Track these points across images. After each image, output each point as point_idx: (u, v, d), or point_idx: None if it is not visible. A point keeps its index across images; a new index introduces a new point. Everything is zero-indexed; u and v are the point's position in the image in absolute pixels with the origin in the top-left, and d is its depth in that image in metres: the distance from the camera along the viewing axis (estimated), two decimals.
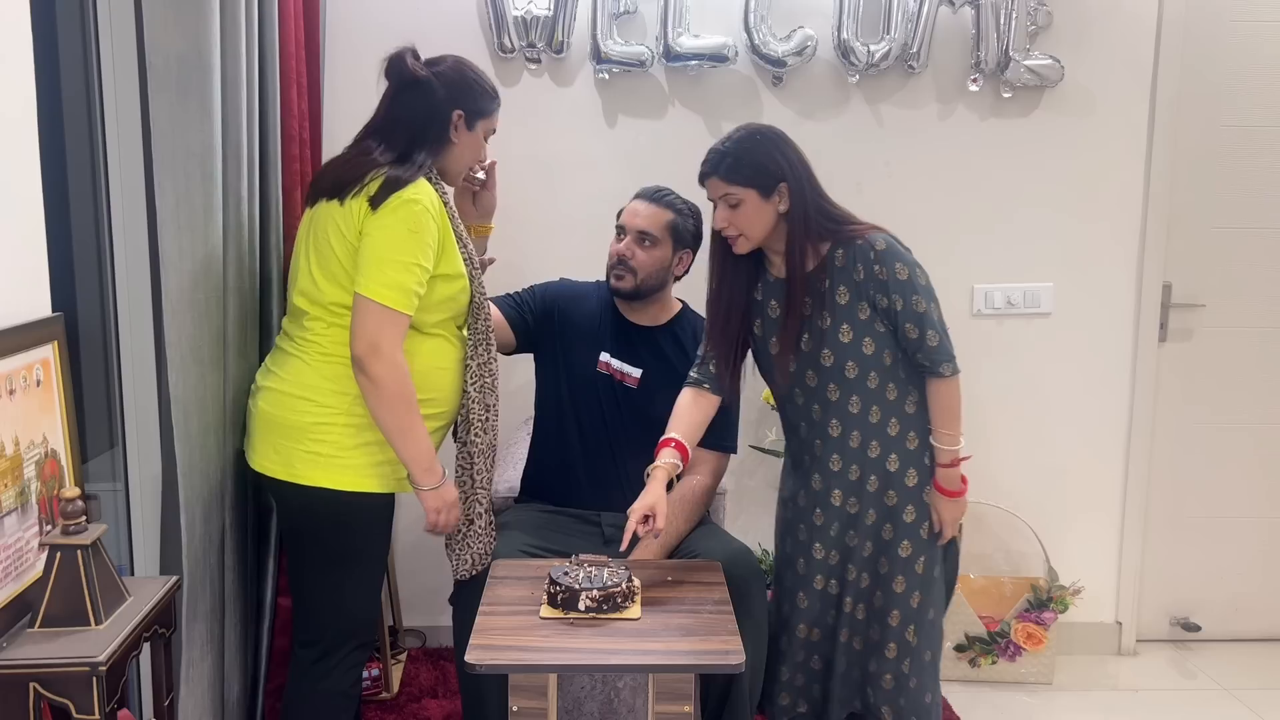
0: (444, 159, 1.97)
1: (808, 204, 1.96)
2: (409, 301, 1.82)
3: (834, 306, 1.96)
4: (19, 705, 1.39)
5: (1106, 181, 2.89)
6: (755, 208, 1.96)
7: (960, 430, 1.99)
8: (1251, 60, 2.88)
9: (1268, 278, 2.98)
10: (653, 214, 2.27)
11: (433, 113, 1.93)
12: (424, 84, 1.93)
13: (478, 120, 1.99)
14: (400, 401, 1.83)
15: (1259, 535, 3.09)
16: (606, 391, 2.29)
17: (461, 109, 1.95)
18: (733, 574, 1.99)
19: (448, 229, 1.91)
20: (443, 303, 1.92)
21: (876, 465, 2.01)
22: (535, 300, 2.38)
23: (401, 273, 1.81)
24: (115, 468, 2.08)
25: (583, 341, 2.32)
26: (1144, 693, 2.86)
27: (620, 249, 2.27)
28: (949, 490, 2.01)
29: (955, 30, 2.80)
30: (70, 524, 1.48)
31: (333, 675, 1.97)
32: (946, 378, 1.96)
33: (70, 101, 2.11)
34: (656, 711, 1.68)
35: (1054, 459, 2.98)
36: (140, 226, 1.92)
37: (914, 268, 1.94)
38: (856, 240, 1.94)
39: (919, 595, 2.04)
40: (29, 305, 1.60)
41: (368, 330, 1.80)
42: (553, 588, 1.81)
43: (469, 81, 1.97)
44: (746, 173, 1.94)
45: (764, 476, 2.96)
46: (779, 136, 1.99)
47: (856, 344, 1.97)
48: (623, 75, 2.77)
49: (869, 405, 1.99)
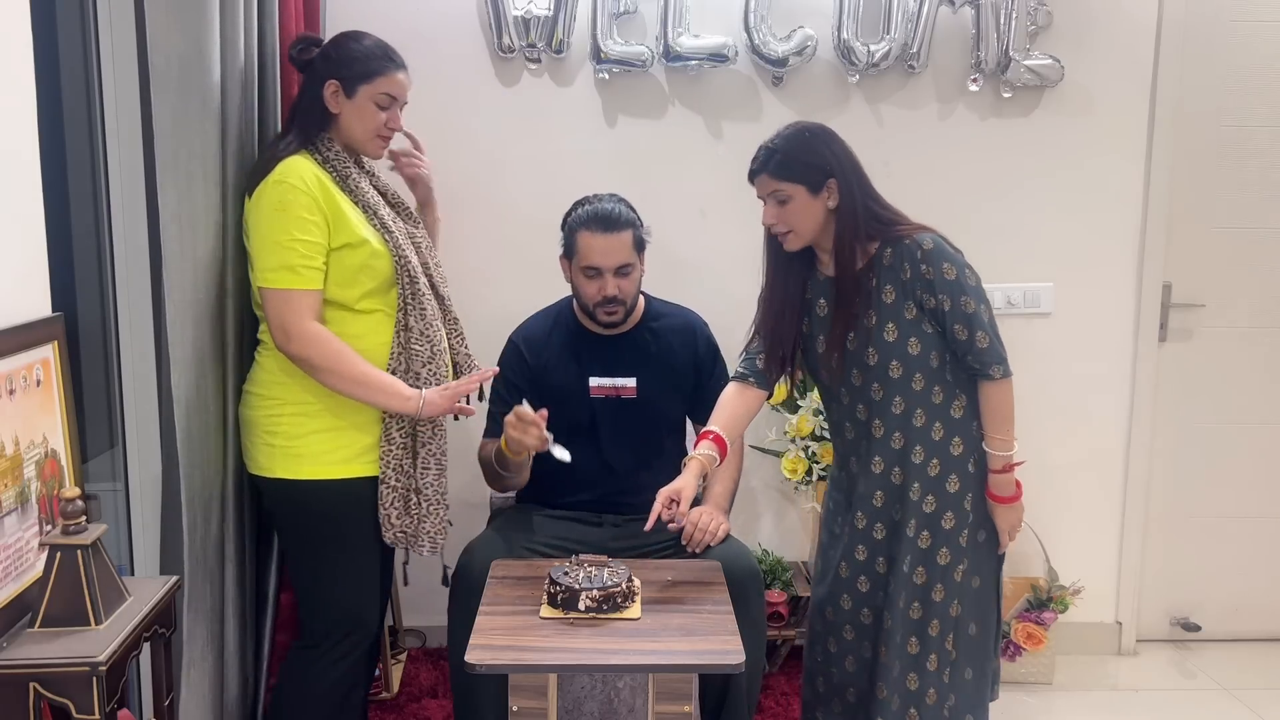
0: (340, 132, 1.98)
1: (856, 200, 1.95)
2: (299, 278, 1.84)
3: (880, 305, 1.95)
4: (19, 705, 1.39)
5: (1106, 181, 2.89)
6: (804, 204, 1.95)
7: (1013, 435, 1.97)
8: (1251, 60, 2.88)
9: (1268, 278, 2.98)
10: (619, 243, 2.18)
11: (310, 88, 1.97)
12: (311, 65, 1.98)
13: (358, 85, 1.96)
14: (336, 364, 1.86)
15: (1259, 535, 3.09)
16: (606, 410, 2.27)
17: (335, 77, 1.95)
18: (731, 575, 1.99)
19: (334, 198, 1.90)
20: (355, 274, 1.91)
21: (920, 470, 1.98)
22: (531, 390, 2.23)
23: (281, 252, 1.84)
24: (115, 468, 2.07)
25: (569, 378, 2.27)
26: (1144, 693, 2.86)
27: (608, 292, 2.18)
28: (1003, 497, 1.98)
29: (955, 30, 2.80)
30: (70, 524, 1.48)
31: (318, 666, 1.98)
32: (997, 380, 1.93)
33: (70, 101, 2.11)
34: (656, 711, 1.68)
35: (1054, 459, 2.98)
36: (140, 226, 1.92)
37: (963, 268, 1.92)
38: (904, 239, 1.93)
39: (957, 605, 2.01)
40: (29, 305, 1.60)
41: (272, 318, 1.87)
42: (553, 588, 1.81)
43: (343, 49, 1.98)
44: (795, 169, 1.94)
45: (764, 476, 2.96)
46: (827, 133, 1.98)
47: (902, 344, 1.95)
48: (623, 75, 2.77)
49: (914, 407, 1.97)
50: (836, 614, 2.09)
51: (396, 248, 1.95)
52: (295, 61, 2.01)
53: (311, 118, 1.97)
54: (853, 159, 1.98)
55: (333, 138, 1.98)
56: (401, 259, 1.95)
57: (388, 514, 1.97)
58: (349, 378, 1.88)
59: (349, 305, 1.93)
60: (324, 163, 1.95)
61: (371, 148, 2.02)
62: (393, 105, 2.00)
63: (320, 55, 1.98)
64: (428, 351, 1.97)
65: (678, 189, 2.84)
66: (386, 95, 1.98)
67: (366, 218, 1.94)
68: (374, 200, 1.97)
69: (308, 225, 1.85)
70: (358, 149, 2.02)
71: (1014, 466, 1.97)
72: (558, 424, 2.21)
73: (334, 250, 1.89)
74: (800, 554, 3.00)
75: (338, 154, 1.97)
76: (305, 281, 1.85)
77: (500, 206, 2.83)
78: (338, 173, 1.95)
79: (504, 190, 2.83)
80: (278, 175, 1.86)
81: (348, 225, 1.90)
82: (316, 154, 1.95)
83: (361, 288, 1.93)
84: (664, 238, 2.74)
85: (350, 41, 1.99)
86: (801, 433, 2.72)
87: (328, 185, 1.90)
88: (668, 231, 2.79)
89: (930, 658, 2.00)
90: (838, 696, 2.12)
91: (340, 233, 1.89)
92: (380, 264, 1.94)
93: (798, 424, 2.72)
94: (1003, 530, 2.02)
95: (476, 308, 2.78)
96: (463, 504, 2.96)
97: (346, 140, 1.99)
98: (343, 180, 1.95)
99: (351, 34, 2.02)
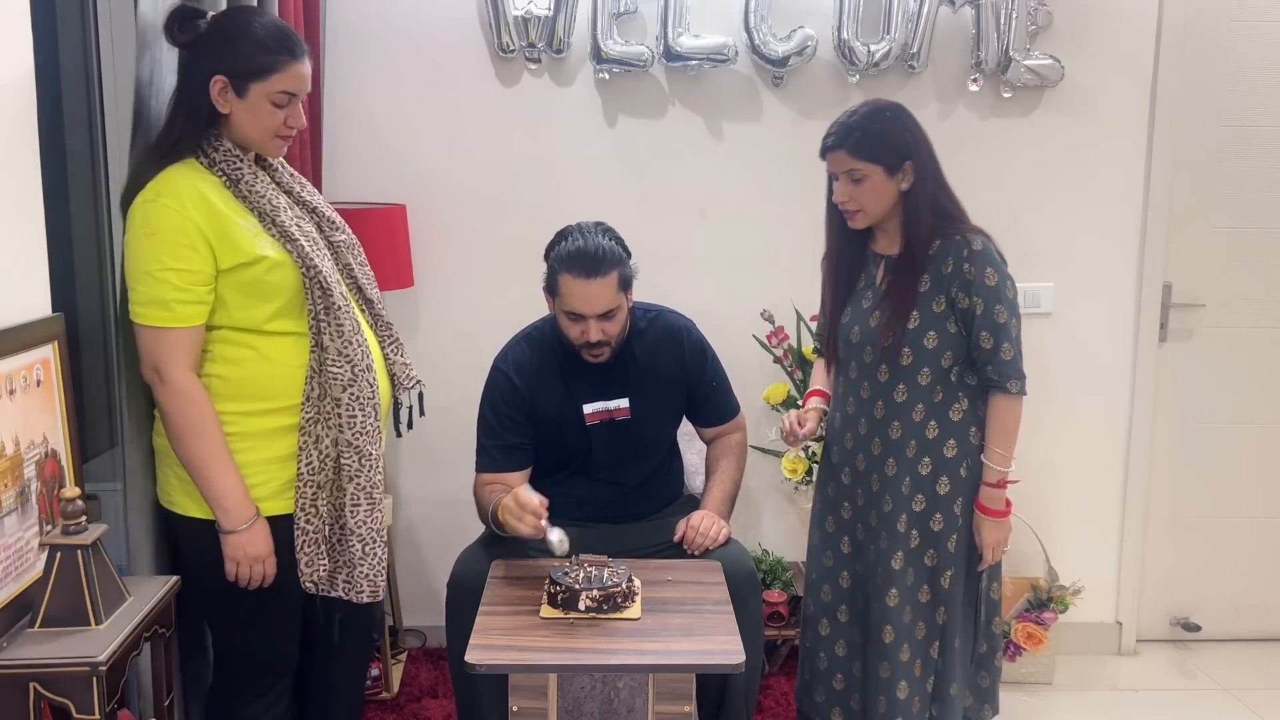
0: (231, 131, 1.69)
1: (928, 185, 1.93)
2: (174, 314, 1.61)
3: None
4: (19, 705, 1.39)
5: (1106, 182, 2.89)
6: (879, 183, 1.93)
7: (1014, 453, 1.97)
8: (1251, 60, 2.87)
9: (1268, 278, 2.98)
10: (604, 287, 2.05)
11: (188, 83, 1.67)
12: (190, 49, 1.67)
13: (250, 83, 1.65)
14: (188, 432, 1.63)
15: (1259, 535, 3.09)
16: (602, 435, 2.22)
17: (223, 73, 1.64)
18: (728, 578, 1.99)
19: (218, 215, 1.63)
20: (254, 293, 1.67)
21: (911, 465, 1.99)
22: (526, 421, 2.19)
23: (152, 285, 1.60)
24: (115, 468, 2.07)
25: (562, 407, 2.20)
26: (1144, 693, 2.86)
27: (590, 337, 2.09)
28: (992, 510, 1.97)
29: (955, 30, 2.80)
30: (70, 524, 1.48)
31: (239, 703, 1.82)
32: (1012, 395, 1.93)
33: (70, 101, 2.11)
34: (656, 711, 1.68)
35: (1054, 459, 2.98)
36: None
37: (1005, 279, 1.92)
38: (955, 235, 1.92)
39: (943, 611, 2.01)
40: (29, 305, 1.60)
41: (144, 356, 1.65)
42: (553, 588, 1.81)
43: (228, 36, 1.65)
44: (874, 148, 1.91)
45: (764, 476, 2.96)
46: (906, 113, 1.96)
47: (919, 334, 1.94)
48: (623, 75, 2.77)
49: (915, 400, 1.97)
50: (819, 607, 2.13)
51: (302, 256, 1.68)
52: (174, 41, 1.68)
53: (196, 115, 1.66)
54: (929, 143, 1.96)
55: (221, 135, 1.68)
56: (309, 268, 1.68)
57: (306, 559, 1.74)
58: (196, 457, 1.64)
59: (258, 328, 1.69)
60: (210, 166, 1.67)
61: (270, 148, 1.73)
62: (292, 102, 1.70)
63: (202, 40, 1.66)
64: (348, 373, 1.71)
65: (678, 189, 2.84)
66: (284, 93, 1.68)
67: (264, 226, 1.68)
68: (272, 205, 1.69)
69: (182, 253, 1.59)
70: (255, 149, 1.73)
71: (1008, 483, 1.96)
72: (554, 453, 2.21)
73: (226, 272, 1.64)
74: (800, 554, 2.99)
75: (226, 154, 1.68)
76: (181, 318, 1.61)
77: (500, 206, 2.83)
78: (227, 177, 1.67)
79: (504, 190, 2.83)
80: (148, 193, 1.61)
81: (237, 243, 1.64)
82: (202, 156, 1.67)
83: (268, 306, 1.68)
84: (664, 238, 2.74)
85: (234, 25, 1.67)
86: None
87: (210, 199, 1.63)
88: (668, 231, 2.80)
89: (916, 660, 2.01)
90: (822, 684, 2.15)
91: (229, 253, 1.63)
92: (280, 277, 1.67)
93: None
94: (985, 545, 1.99)
95: (475, 308, 2.79)
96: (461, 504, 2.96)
97: (239, 139, 1.70)
98: (234, 185, 1.67)
99: (238, 12, 1.71)
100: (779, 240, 2.86)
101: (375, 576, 1.79)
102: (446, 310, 2.85)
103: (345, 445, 1.74)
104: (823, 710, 2.16)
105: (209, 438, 1.65)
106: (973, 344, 1.93)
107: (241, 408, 1.70)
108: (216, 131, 1.68)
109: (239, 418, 1.69)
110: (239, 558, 1.69)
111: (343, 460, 1.74)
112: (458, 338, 2.81)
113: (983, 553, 2.00)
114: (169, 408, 1.64)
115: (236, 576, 1.71)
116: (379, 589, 1.80)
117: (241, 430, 1.70)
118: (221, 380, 1.69)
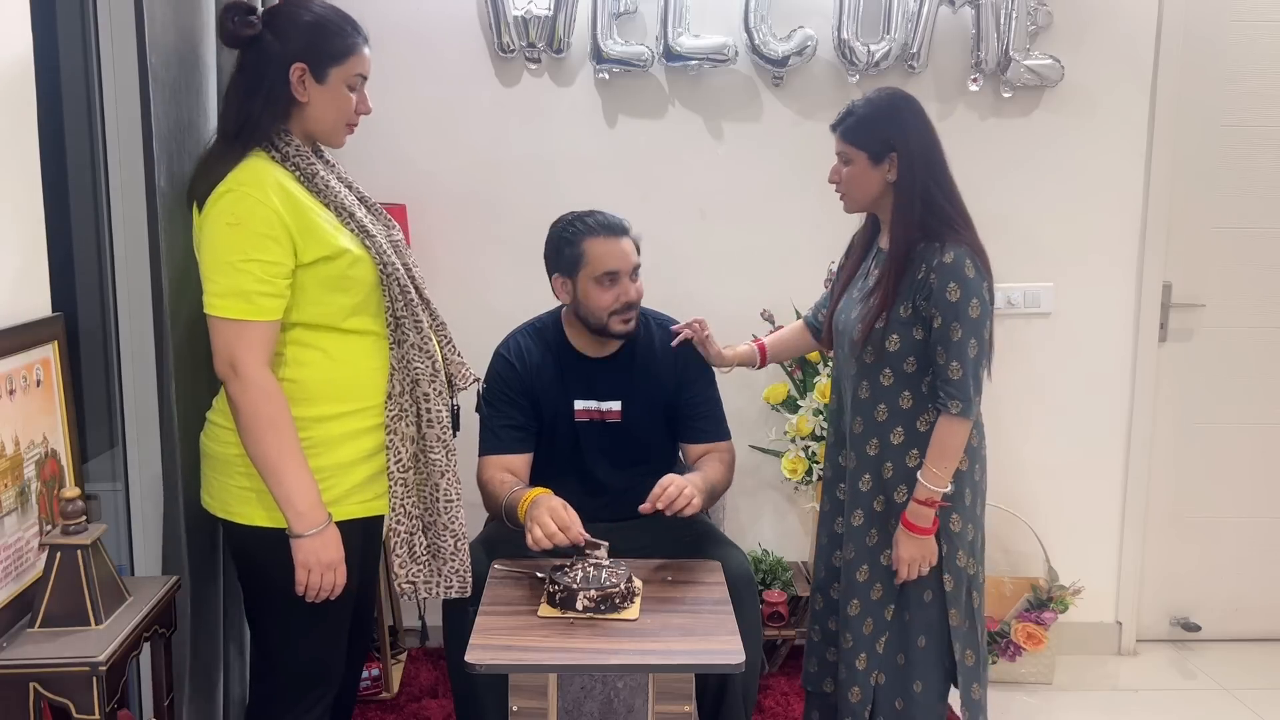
0: (302, 124, 1.69)
1: (916, 182, 1.90)
2: (255, 306, 1.57)
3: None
4: (19, 705, 1.39)
5: (1106, 181, 2.89)
6: (862, 170, 1.94)
7: (948, 475, 1.91)
8: (1251, 60, 2.88)
9: (1268, 278, 2.98)
10: (630, 246, 2.13)
11: (265, 71, 1.64)
12: (258, 42, 1.64)
13: (329, 69, 1.66)
14: (261, 428, 1.58)
15: (1259, 535, 3.09)
16: (590, 434, 2.21)
17: (303, 60, 1.64)
18: (726, 580, 1.98)
19: (300, 206, 1.62)
20: (335, 289, 1.65)
21: (873, 465, 2.00)
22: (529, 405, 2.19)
23: (233, 275, 1.57)
24: (115, 468, 2.08)
25: (555, 401, 2.20)
26: (1144, 693, 2.86)
27: (629, 296, 2.11)
28: (916, 526, 1.92)
29: (955, 30, 2.80)
30: (70, 524, 1.48)
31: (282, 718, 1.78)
32: (953, 415, 1.88)
33: (70, 101, 2.11)
34: (656, 711, 1.68)
35: (1054, 459, 2.98)
36: (140, 227, 1.91)
37: (970, 296, 1.85)
38: (935, 241, 1.89)
39: (893, 610, 2.01)
40: (29, 305, 1.60)
41: (219, 350, 1.60)
42: (552, 587, 1.81)
43: (302, 22, 1.65)
44: (862, 135, 1.93)
45: (764, 476, 2.96)
46: (908, 105, 1.94)
47: (883, 335, 1.92)
48: (623, 75, 2.77)
49: (878, 400, 1.97)
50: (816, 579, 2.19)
51: (380, 252, 1.68)
52: (231, 38, 1.65)
53: (271, 108, 1.65)
54: (926, 139, 1.92)
55: (289, 129, 1.68)
56: (386, 265, 1.68)
57: (400, 560, 1.73)
58: (269, 448, 1.59)
59: (336, 326, 1.68)
60: (284, 160, 1.66)
61: (338, 137, 1.74)
62: (362, 86, 1.73)
63: (270, 29, 1.64)
64: (429, 369, 1.72)
65: (678, 189, 2.84)
66: (359, 76, 1.70)
67: (341, 221, 1.67)
68: (348, 200, 1.70)
69: (266, 244, 1.57)
70: (320, 140, 1.74)
71: (938, 504, 1.92)
72: (545, 449, 2.20)
73: (307, 266, 1.62)
74: (800, 554, 3.00)
75: (298, 149, 1.67)
76: (261, 312, 1.58)
77: (500, 206, 2.83)
78: (302, 172, 1.66)
79: (504, 190, 2.83)
80: (230, 183, 1.59)
81: (321, 236, 1.62)
82: (274, 151, 1.66)
83: (348, 302, 1.67)
84: (664, 238, 2.74)
85: (305, 12, 1.66)
86: (801, 433, 2.72)
87: (291, 191, 1.62)
88: (668, 231, 2.79)
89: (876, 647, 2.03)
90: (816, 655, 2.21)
91: (312, 246, 1.61)
92: (362, 272, 1.67)
93: (797, 424, 2.72)
94: (901, 560, 1.94)
95: (475, 309, 2.78)
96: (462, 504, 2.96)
97: (308, 130, 1.70)
98: (309, 180, 1.67)
99: (297, 2, 1.68)
100: (779, 240, 2.86)
101: (465, 572, 1.78)
102: (445, 310, 2.78)
103: (434, 440, 1.73)
104: (814, 679, 2.21)
105: (286, 436, 1.59)
106: (931, 357, 1.91)
107: (312, 412, 1.66)
108: (285, 125, 1.67)
109: (310, 423, 1.65)
110: (311, 564, 1.62)
111: (431, 456, 1.73)
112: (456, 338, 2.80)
113: (896, 568, 1.96)
114: (244, 403, 1.58)
115: (306, 587, 1.64)
116: (468, 584, 1.79)
117: (311, 434, 1.65)
118: (293, 384, 1.65)
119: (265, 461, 1.59)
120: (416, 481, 1.75)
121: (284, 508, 1.60)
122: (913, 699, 2.02)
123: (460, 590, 1.79)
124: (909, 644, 2.02)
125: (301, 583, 1.64)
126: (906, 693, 2.02)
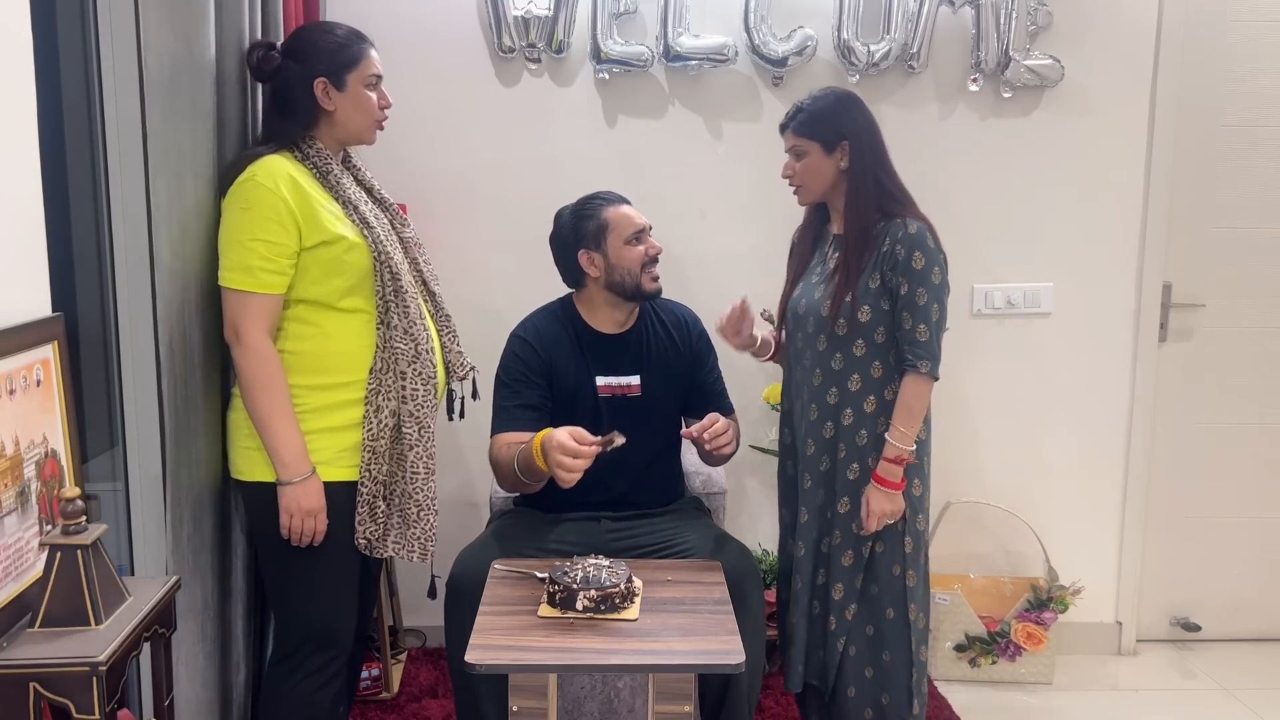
0: (334, 130, 1.95)
1: (867, 167, 2.05)
2: (259, 280, 1.81)
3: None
4: (19, 705, 1.39)
5: (1106, 181, 2.89)
6: (817, 160, 2.07)
7: (914, 434, 2.02)
8: (1251, 60, 2.88)
9: (1268, 278, 2.98)
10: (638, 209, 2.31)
11: (293, 91, 1.91)
12: (281, 70, 1.92)
13: (345, 75, 1.92)
14: (260, 388, 1.82)
15: (1259, 535, 3.09)
16: (612, 410, 2.26)
17: (322, 75, 1.91)
18: (730, 576, 2.00)
19: (306, 196, 1.84)
20: (331, 271, 1.86)
21: (848, 434, 2.07)
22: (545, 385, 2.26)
23: (242, 252, 1.81)
24: (115, 468, 2.07)
25: (576, 377, 2.26)
26: (1144, 693, 2.86)
27: (658, 248, 2.28)
28: (887, 481, 2.02)
29: (955, 30, 2.80)
30: (70, 524, 1.48)
31: (293, 683, 1.95)
32: (921, 374, 2.00)
33: (70, 102, 2.11)
34: (656, 711, 1.68)
35: (1054, 459, 2.98)
36: (140, 226, 1.91)
37: (933, 265, 2.00)
38: (896, 218, 2.02)
39: (861, 578, 2.08)
40: (29, 305, 1.60)
41: (227, 317, 1.85)
42: (552, 587, 1.81)
43: (315, 44, 1.92)
44: (813, 126, 2.07)
45: (764, 476, 2.96)
46: (853, 100, 2.09)
47: (853, 307, 2.02)
48: (623, 75, 2.77)
49: (851, 370, 2.06)
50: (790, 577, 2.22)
51: (376, 242, 1.89)
52: (259, 72, 1.94)
53: (297, 120, 1.92)
54: (873, 129, 2.08)
55: (315, 136, 1.94)
56: (381, 253, 1.89)
57: (360, 518, 1.91)
58: (265, 406, 1.82)
59: (332, 305, 1.89)
60: (304, 159, 1.91)
61: (370, 135, 1.99)
62: (380, 84, 1.98)
63: (289, 57, 1.92)
64: (411, 350, 1.91)
65: (678, 189, 2.84)
66: (374, 75, 1.96)
67: (346, 213, 1.90)
68: (356, 196, 1.93)
69: (271, 227, 1.80)
70: (356, 140, 1.99)
71: (905, 461, 2.02)
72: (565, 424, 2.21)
73: (309, 249, 1.85)
74: None
75: (319, 151, 1.93)
76: (262, 285, 1.82)
77: (500, 206, 2.83)
78: (318, 169, 1.91)
79: (504, 190, 2.83)
80: (247, 174, 1.83)
81: (321, 222, 1.85)
82: (297, 152, 1.92)
83: (342, 283, 1.88)
84: (664, 238, 2.73)
85: (317, 35, 1.94)
86: None
87: (301, 183, 1.85)
88: (668, 231, 2.79)
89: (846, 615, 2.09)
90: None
91: (313, 231, 1.84)
92: (356, 258, 1.88)
93: None
94: (872, 512, 2.02)
95: (475, 308, 2.79)
96: (462, 504, 2.96)
97: (345, 135, 1.96)
98: (324, 177, 1.91)
99: (312, 27, 1.97)
100: (779, 240, 2.83)
101: (426, 540, 1.95)
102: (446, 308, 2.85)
103: (406, 416, 1.91)
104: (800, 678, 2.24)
105: (277, 395, 1.83)
106: (896, 324, 2.02)
107: (308, 381, 1.88)
108: (312, 133, 1.93)
109: (305, 390, 1.88)
110: (293, 509, 1.84)
111: (404, 429, 1.91)
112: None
113: (866, 521, 2.04)
114: (243, 365, 1.83)
115: (289, 531, 1.85)
116: (428, 552, 1.95)
117: (306, 401, 1.88)
118: (293, 355, 1.88)
119: (259, 417, 1.84)
120: (392, 453, 1.93)
121: (273, 458, 1.84)
122: (882, 668, 2.09)
123: (421, 556, 1.95)
124: (879, 616, 2.09)
125: (285, 526, 1.86)
126: (876, 662, 2.10)
